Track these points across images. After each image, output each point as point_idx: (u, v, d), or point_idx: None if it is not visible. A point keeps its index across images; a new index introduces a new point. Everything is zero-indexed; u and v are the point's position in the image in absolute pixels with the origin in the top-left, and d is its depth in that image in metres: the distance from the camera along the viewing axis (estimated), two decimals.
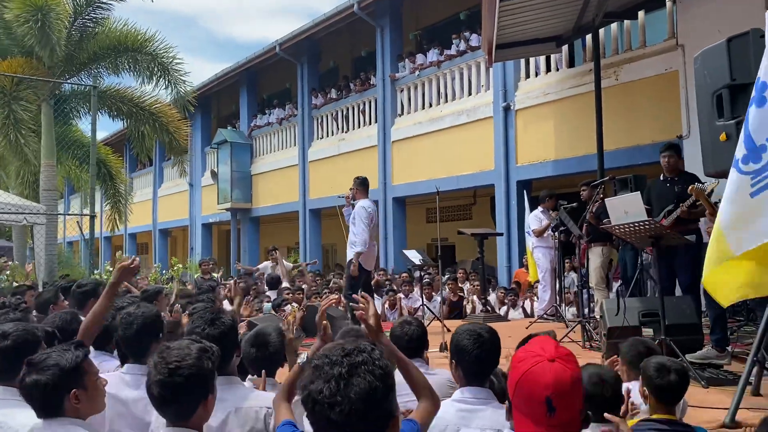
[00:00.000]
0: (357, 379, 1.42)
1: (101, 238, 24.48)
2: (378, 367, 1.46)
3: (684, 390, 2.65)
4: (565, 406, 1.58)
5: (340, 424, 1.39)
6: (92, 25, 12.14)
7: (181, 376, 1.94)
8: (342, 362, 1.44)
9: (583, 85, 9.94)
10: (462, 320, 8.76)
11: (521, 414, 1.63)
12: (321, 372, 1.45)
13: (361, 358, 1.46)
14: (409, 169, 13.33)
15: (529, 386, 1.60)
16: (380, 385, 1.44)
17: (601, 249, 7.06)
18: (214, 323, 2.63)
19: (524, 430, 1.62)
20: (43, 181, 11.37)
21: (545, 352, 1.65)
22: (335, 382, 1.41)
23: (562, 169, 10.48)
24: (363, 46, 16.43)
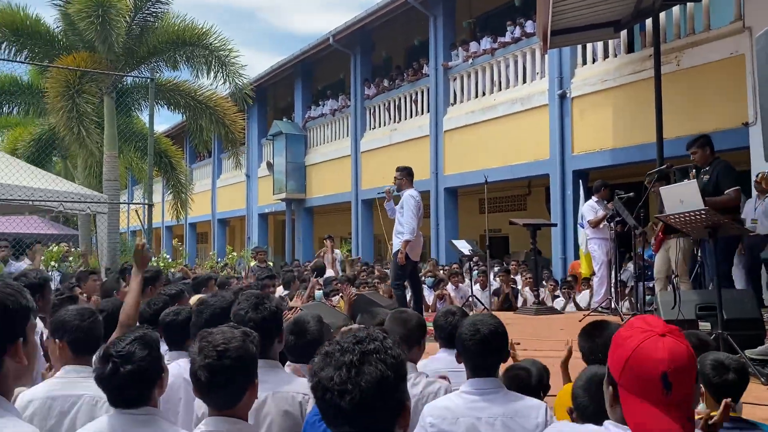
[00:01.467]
0: (368, 367, 1.39)
1: (163, 227, 25.29)
2: (390, 356, 1.42)
3: (743, 388, 2.50)
4: (682, 382, 1.46)
5: (349, 412, 1.36)
6: (152, 19, 12.48)
7: (229, 358, 1.93)
8: (353, 349, 1.41)
9: (643, 71, 9.59)
10: (513, 312, 8.64)
11: (633, 395, 1.50)
12: (332, 359, 1.42)
13: (373, 346, 1.42)
14: (461, 159, 13.20)
15: (642, 363, 1.48)
16: (392, 374, 1.40)
17: (682, 240, 6.67)
18: (258, 308, 2.66)
19: (638, 411, 1.49)
20: (106, 172, 11.80)
21: (654, 327, 1.54)
22: (346, 370, 1.38)
23: (620, 159, 10.16)
24: (416, 36, 16.33)
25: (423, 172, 13.69)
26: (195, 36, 12.03)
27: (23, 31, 12.07)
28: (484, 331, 2.45)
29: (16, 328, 1.55)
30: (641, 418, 1.45)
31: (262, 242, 20.29)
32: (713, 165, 5.10)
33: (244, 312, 2.59)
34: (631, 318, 1.71)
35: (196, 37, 11.99)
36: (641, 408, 1.46)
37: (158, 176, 14.75)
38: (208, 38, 12.04)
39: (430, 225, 13.71)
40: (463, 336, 2.48)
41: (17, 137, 14.86)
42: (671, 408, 1.44)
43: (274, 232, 22.95)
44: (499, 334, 2.49)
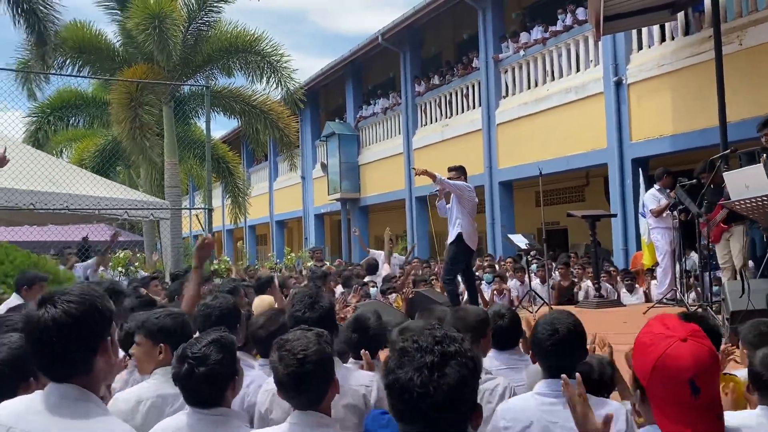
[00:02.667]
0: (450, 370, 1.38)
1: (223, 230, 25.95)
2: (469, 358, 1.42)
3: None
4: (708, 384, 1.50)
5: (428, 414, 1.36)
6: (205, 28, 12.86)
7: (310, 363, 1.99)
8: (434, 350, 1.40)
9: (702, 53, 9.22)
10: (574, 306, 8.47)
11: (661, 400, 1.53)
12: (411, 358, 1.40)
13: (454, 349, 1.42)
14: (515, 152, 13.02)
15: (668, 371, 1.51)
16: (471, 378, 1.41)
17: (742, 229, 6.43)
18: (313, 307, 2.74)
19: (668, 415, 1.52)
20: (167, 179, 12.22)
21: (675, 332, 1.56)
22: (428, 371, 1.37)
23: (682, 144, 9.81)
24: (465, 30, 16.20)
25: (476, 166, 13.58)
26: (247, 42, 12.32)
27: (87, 47, 12.63)
28: (561, 331, 2.36)
29: (105, 328, 1.62)
30: (673, 422, 1.47)
31: (318, 242, 20.57)
32: None
33: (301, 312, 2.65)
34: (650, 320, 1.67)
35: (248, 44, 12.28)
36: (672, 412, 1.49)
37: (217, 181, 15.17)
38: (260, 44, 12.32)
39: (485, 219, 13.58)
40: (540, 336, 2.40)
41: (83, 149, 15.55)
42: (701, 411, 1.47)
43: (330, 232, 23.22)
44: (578, 333, 2.41)
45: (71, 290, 1.63)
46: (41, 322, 1.55)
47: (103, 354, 1.60)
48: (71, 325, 1.55)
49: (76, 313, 1.56)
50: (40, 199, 8.63)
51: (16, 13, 8.29)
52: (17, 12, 8.24)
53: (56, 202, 8.73)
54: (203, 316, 2.98)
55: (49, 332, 1.54)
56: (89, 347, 1.58)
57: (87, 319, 1.57)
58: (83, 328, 1.56)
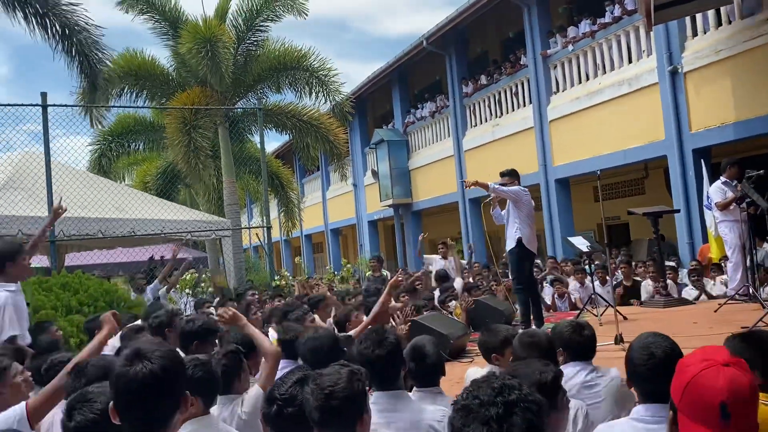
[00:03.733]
0: (516, 418, 1.39)
1: (281, 241, 26.44)
2: (533, 402, 1.44)
3: None
4: (742, 413, 1.49)
5: None
6: (254, 48, 13.15)
7: (336, 398, 2.04)
8: (496, 402, 1.41)
9: (761, 36, 8.87)
10: (640, 306, 8.26)
11: (690, 420, 1.53)
12: (475, 414, 1.41)
13: (515, 397, 1.43)
14: (570, 148, 12.79)
15: (701, 391, 1.52)
16: (539, 422, 1.42)
17: None
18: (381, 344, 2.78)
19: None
20: (226, 197, 12.53)
21: (718, 357, 1.55)
22: (496, 424, 1.38)
23: (745, 132, 9.44)
24: (510, 28, 16.02)
25: (530, 165, 13.41)
26: (295, 59, 12.53)
27: (142, 74, 13.09)
28: (659, 355, 2.31)
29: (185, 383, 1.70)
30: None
31: (373, 248, 20.68)
32: None
33: (370, 350, 2.69)
34: (698, 348, 1.65)
35: (296, 60, 12.49)
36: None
37: (271, 195, 15.48)
38: (307, 60, 12.51)
39: (542, 219, 13.38)
40: (635, 360, 2.36)
41: (145, 172, 16.12)
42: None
43: (384, 238, 23.33)
44: (676, 356, 2.31)
45: (153, 348, 1.70)
46: (136, 378, 1.61)
47: (181, 409, 1.67)
48: (163, 381, 1.61)
49: (168, 368, 1.62)
50: (108, 226, 9.02)
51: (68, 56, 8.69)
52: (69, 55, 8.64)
53: (123, 227, 9.11)
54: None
55: (141, 389, 1.61)
56: (174, 403, 1.64)
57: (175, 375, 1.64)
58: (173, 384, 1.63)
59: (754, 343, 2.29)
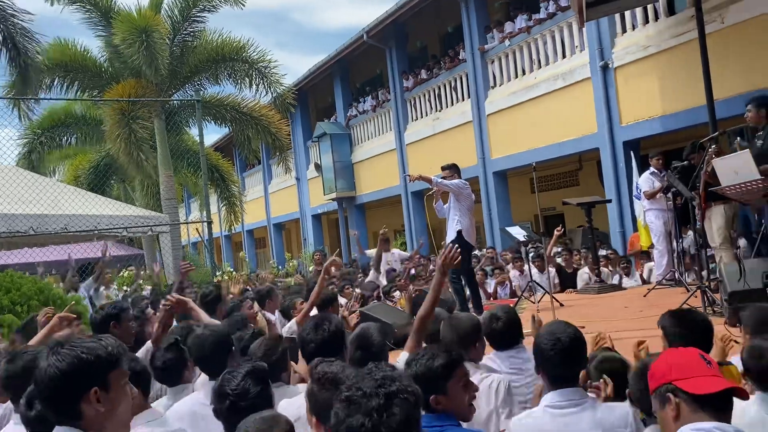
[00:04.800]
0: (396, 408, 1.47)
1: (222, 236, 26.02)
2: (411, 393, 1.52)
3: None
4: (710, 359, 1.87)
5: None
6: (190, 39, 12.88)
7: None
8: (377, 393, 1.49)
9: (687, 32, 9.29)
10: (575, 293, 8.57)
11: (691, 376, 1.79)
12: (357, 406, 1.49)
13: (396, 387, 1.51)
14: (507, 142, 13.09)
15: (679, 359, 1.85)
16: (416, 412, 1.51)
17: (722, 208, 6.57)
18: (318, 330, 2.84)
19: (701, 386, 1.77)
20: (163, 191, 12.26)
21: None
22: (376, 414, 1.46)
23: (672, 125, 9.90)
24: (449, 22, 16.22)
25: (470, 158, 13.67)
26: (233, 50, 12.35)
27: (73, 65, 12.64)
28: (564, 340, 2.39)
29: (94, 377, 1.69)
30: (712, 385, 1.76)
31: (317, 242, 20.63)
32: (766, 128, 4.96)
33: (312, 335, 2.73)
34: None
35: (235, 52, 12.31)
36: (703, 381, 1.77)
37: (211, 189, 15.24)
38: (246, 51, 12.35)
39: (482, 211, 13.66)
40: (543, 347, 2.43)
41: (77, 166, 15.58)
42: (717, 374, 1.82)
43: (328, 232, 23.29)
44: (580, 342, 2.46)
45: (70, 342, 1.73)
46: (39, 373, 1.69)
47: (89, 402, 1.66)
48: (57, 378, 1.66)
49: (62, 367, 1.66)
50: (40, 223, 8.70)
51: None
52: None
53: (55, 224, 8.80)
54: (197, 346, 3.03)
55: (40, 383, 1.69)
56: (72, 397, 1.67)
57: (71, 373, 1.66)
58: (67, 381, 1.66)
59: (682, 320, 2.63)
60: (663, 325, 2.70)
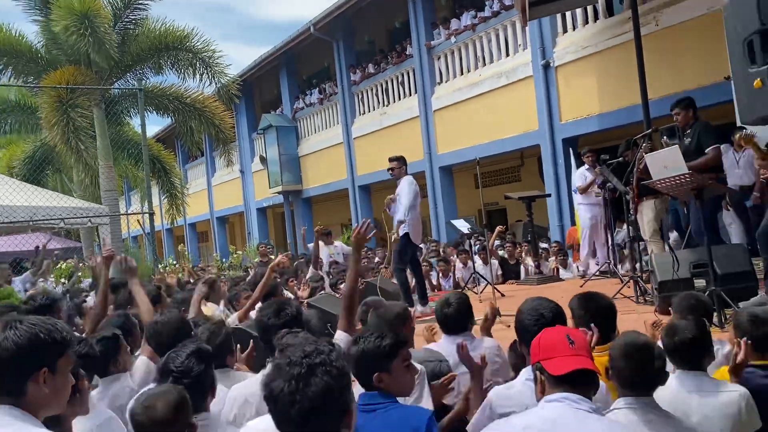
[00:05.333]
0: (315, 379, 1.57)
1: (163, 230, 25.43)
2: (335, 367, 1.61)
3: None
4: (575, 339, 2.03)
5: (297, 419, 1.55)
6: (132, 27, 12.53)
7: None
8: (302, 363, 1.59)
9: (623, 34, 9.66)
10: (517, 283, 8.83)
11: (553, 356, 1.98)
12: (282, 371, 1.60)
13: (320, 360, 1.60)
14: (453, 137, 13.30)
15: (547, 340, 2.05)
16: (336, 385, 1.59)
17: (653, 202, 6.92)
18: (279, 314, 2.86)
19: (562, 365, 1.93)
20: (103, 182, 11.91)
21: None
22: (295, 382, 1.56)
23: (608, 123, 10.29)
24: (397, 17, 16.32)
25: (416, 153, 13.82)
26: (177, 39, 12.07)
27: (7, 51, 12.10)
28: (547, 316, 2.53)
29: (43, 357, 1.70)
30: (567, 365, 1.95)
31: (262, 236, 20.42)
32: (694, 127, 5.27)
33: (267, 319, 2.77)
34: None
35: (178, 41, 12.04)
36: (564, 360, 1.95)
37: (152, 181, 14.88)
38: (190, 41, 12.09)
39: (428, 205, 13.85)
40: (526, 322, 2.56)
41: (11, 156, 14.94)
42: (581, 353, 2.00)
43: (274, 226, 23.09)
44: (562, 316, 2.60)
45: (28, 319, 1.73)
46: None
47: (36, 382, 1.68)
48: (12, 352, 1.66)
49: (19, 342, 1.66)
50: None
51: None
52: None
53: None
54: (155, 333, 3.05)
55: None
56: (22, 374, 1.67)
57: (27, 349, 1.67)
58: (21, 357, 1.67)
59: (586, 302, 2.81)
60: (571, 307, 2.89)
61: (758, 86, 3.17)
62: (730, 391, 2.38)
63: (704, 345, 2.48)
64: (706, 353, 2.48)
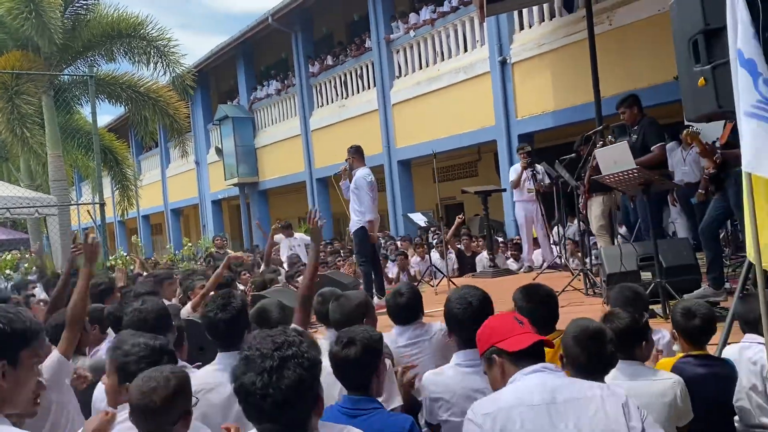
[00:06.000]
0: (287, 372, 1.55)
1: (115, 222, 24.83)
2: (307, 359, 1.59)
3: (712, 330, 2.80)
4: (521, 319, 2.14)
5: (270, 412, 1.53)
6: (84, 12, 12.17)
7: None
8: (273, 355, 1.56)
9: (578, 32, 9.83)
10: (472, 276, 8.94)
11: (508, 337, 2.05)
12: (253, 364, 1.57)
13: (291, 352, 1.58)
14: (411, 131, 13.35)
15: (497, 324, 2.12)
16: (308, 375, 1.58)
17: (601, 198, 7.09)
18: (226, 308, 2.82)
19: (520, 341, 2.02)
20: (52, 172, 11.56)
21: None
22: (267, 375, 1.53)
23: (562, 120, 10.48)
24: (355, 10, 16.27)
25: (375, 146, 13.82)
26: (130, 27, 11.78)
27: None
28: (475, 304, 2.59)
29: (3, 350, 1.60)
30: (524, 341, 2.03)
31: (217, 229, 20.12)
32: (641, 124, 5.42)
33: (213, 314, 2.73)
34: None
35: (132, 28, 11.75)
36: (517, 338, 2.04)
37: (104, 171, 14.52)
38: (144, 28, 11.81)
39: (386, 199, 13.89)
40: (454, 309, 2.61)
41: None
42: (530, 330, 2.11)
43: (229, 218, 22.79)
44: (489, 302, 2.68)
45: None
46: None
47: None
48: None
49: None
50: None
51: None
52: None
53: None
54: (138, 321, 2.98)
55: None
56: None
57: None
58: None
59: (528, 293, 2.91)
60: (514, 298, 2.97)
61: (702, 84, 3.27)
62: (664, 379, 2.47)
63: (638, 334, 2.55)
64: (639, 342, 2.55)
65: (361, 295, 3.34)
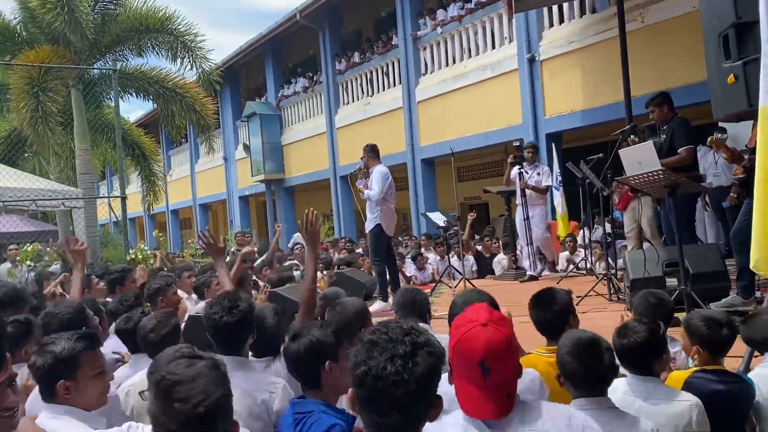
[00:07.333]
0: (421, 359, 1.43)
1: (145, 216, 25.15)
2: (436, 347, 1.48)
3: (732, 341, 2.61)
4: (499, 367, 1.62)
5: (401, 401, 1.40)
6: (113, 7, 12.26)
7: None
8: (405, 341, 1.44)
9: (609, 30, 9.58)
10: (493, 279, 8.76)
11: (461, 376, 1.67)
12: (382, 349, 1.43)
13: (423, 339, 1.47)
14: (436, 129, 13.19)
15: (464, 351, 1.64)
16: (440, 365, 1.47)
17: (650, 198, 6.74)
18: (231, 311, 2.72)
19: (464, 392, 1.66)
20: (79, 166, 11.67)
21: (479, 317, 1.68)
22: (401, 360, 1.41)
23: (591, 119, 10.22)
24: (383, 7, 16.16)
25: (399, 144, 13.71)
26: (158, 21, 11.82)
27: None
28: None
29: None
30: (466, 396, 1.64)
31: (244, 225, 20.23)
32: (670, 123, 5.19)
33: (219, 316, 2.64)
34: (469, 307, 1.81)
35: (160, 23, 11.79)
36: (466, 388, 1.64)
37: (133, 166, 14.65)
38: (172, 23, 11.84)
39: (409, 197, 13.75)
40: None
41: None
42: (489, 389, 1.61)
43: (256, 214, 22.90)
44: (496, 307, 2.53)
45: None
46: None
47: None
48: None
49: None
50: None
51: None
52: None
53: None
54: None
55: None
56: None
57: None
58: None
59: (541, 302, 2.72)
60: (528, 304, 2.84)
61: (732, 82, 3.08)
62: (682, 400, 2.30)
63: (655, 349, 2.39)
64: (656, 357, 2.39)
65: (358, 303, 3.22)
